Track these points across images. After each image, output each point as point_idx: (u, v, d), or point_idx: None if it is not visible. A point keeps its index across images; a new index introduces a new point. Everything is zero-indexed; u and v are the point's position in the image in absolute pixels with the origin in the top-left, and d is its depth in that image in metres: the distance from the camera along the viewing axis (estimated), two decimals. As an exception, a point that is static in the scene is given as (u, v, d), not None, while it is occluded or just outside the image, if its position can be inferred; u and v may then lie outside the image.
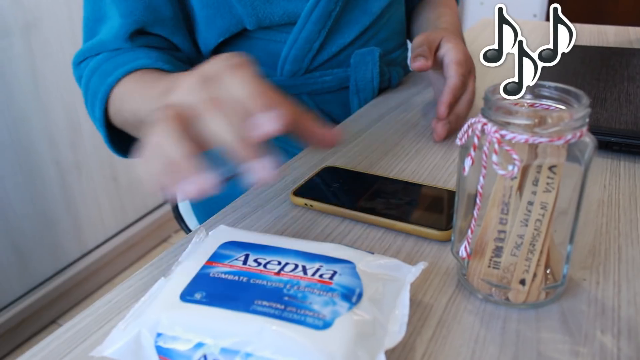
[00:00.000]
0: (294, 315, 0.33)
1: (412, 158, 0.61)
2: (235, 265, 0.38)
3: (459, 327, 0.38)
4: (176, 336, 0.33)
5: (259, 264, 0.38)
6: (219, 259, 0.39)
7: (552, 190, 0.36)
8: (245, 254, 0.39)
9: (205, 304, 0.34)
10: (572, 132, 0.34)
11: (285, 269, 0.37)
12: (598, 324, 0.38)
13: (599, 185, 0.55)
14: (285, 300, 0.34)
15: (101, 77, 0.67)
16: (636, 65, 0.84)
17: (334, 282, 0.36)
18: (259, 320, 0.33)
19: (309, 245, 0.40)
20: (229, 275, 0.37)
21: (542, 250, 0.38)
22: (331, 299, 0.34)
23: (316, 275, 0.37)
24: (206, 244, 0.41)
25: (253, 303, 0.34)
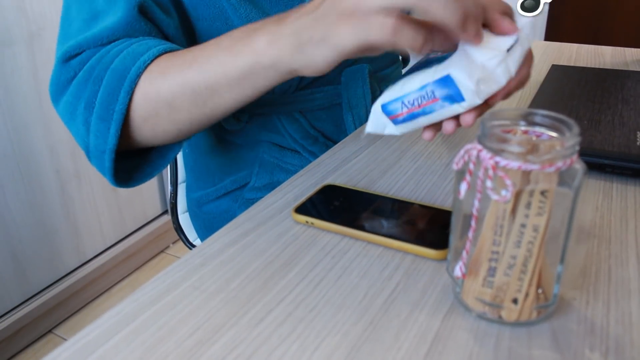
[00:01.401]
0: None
1: (410, 177, 0.63)
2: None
3: (453, 343, 0.39)
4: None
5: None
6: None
7: (543, 214, 0.38)
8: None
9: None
10: (563, 160, 0.36)
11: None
12: (587, 342, 0.39)
13: (591, 207, 0.57)
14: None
15: (129, 59, 0.60)
16: (630, 88, 0.87)
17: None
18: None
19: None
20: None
21: (534, 270, 0.39)
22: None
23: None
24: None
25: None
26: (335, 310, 0.43)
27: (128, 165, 0.67)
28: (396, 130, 0.55)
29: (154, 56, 0.60)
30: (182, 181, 1.05)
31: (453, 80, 0.49)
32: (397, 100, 0.53)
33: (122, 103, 0.59)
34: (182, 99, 0.59)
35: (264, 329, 0.41)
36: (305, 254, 0.50)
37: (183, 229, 1.06)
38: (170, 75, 0.59)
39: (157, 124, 0.61)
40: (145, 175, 0.69)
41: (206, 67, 0.57)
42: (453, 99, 0.50)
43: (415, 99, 0.52)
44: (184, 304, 0.44)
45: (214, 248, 0.51)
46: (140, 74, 0.59)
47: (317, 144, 0.82)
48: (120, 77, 0.59)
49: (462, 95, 0.49)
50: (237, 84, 0.57)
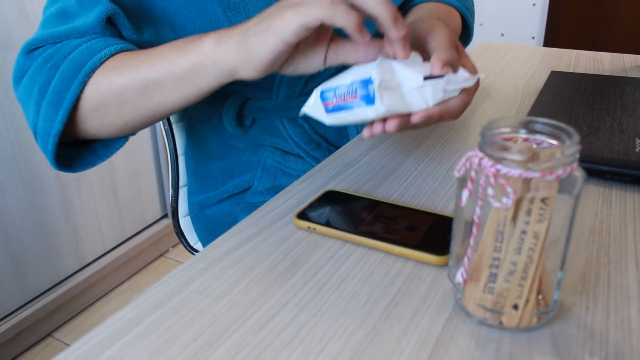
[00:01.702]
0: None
1: (411, 183, 0.64)
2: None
3: (455, 348, 0.40)
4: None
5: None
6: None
7: (544, 221, 0.38)
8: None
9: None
10: (563, 168, 0.36)
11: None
12: (587, 347, 0.40)
13: (590, 213, 0.57)
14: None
15: (86, 53, 0.63)
16: (629, 94, 0.87)
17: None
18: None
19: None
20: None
21: (534, 276, 0.40)
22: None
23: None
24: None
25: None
26: (337, 315, 0.43)
27: (72, 153, 0.70)
28: (326, 118, 0.59)
29: (111, 54, 0.63)
30: (183, 185, 1.05)
31: (372, 82, 0.53)
32: (331, 89, 0.57)
33: (73, 93, 0.62)
34: (131, 93, 0.62)
35: (267, 334, 0.41)
36: (307, 259, 0.50)
37: (184, 233, 1.06)
38: (123, 70, 0.62)
39: (105, 115, 0.64)
40: (87, 163, 0.72)
41: (156, 63, 0.61)
42: (368, 100, 0.54)
43: (343, 92, 0.56)
44: (188, 308, 0.44)
45: (217, 253, 0.51)
46: (94, 69, 0.62)
47: (319, 149, 0.83)
48: (75, 68, 0.62)
49: (374, 99, 0.53)
50: (181, 81, 0.60)
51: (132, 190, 2.01)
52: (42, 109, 0.63)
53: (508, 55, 1.22)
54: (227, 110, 0.82)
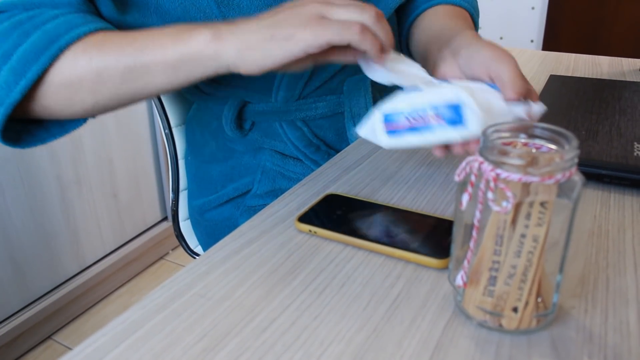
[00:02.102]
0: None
1: (411, 186, 0.64)
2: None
3: (455, 350, 0.40)
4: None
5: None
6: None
7: (543, 224, 0.39)
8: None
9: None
10: (562, 172, 0.37)
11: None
12: (586, 350, 0.40)
13: (589, 216, 0.58)
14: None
15: (63, 27, 0.60)
16: (628, 98, 0.88)
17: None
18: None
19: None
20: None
21: (533, 279, 0.40)
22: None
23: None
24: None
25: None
26: (338, 318, 0.44)
27: (20, 127, 0.66)
28: (386, 142, 0.59)
29: (90, 31, 0.61)
30: (183, 188, 1.05)
31: (461, 106, 0.54)
32: (401, 113, 0.57)
33: (42, 64, 0.59)
34: (113, 72, 0.60)
35: (269, 337, 0.42)
36: (308, 263, 0.51)
37: (184, 236, 1.06)
38: (107, 48, 0.60)
39: (77, 92, 0.61)
40: (37, 139, 0.68)
41: (147, 47, 0.59)
42: (455, 122, 0.55)
43: (419, 115, 0.56)
44: (190, 311, 0.45)
45: (219, 256, 0.52)
46: (70, 44, 0.59)
47: (319, 152, 0.83)
48: (49, 40, 0.59)
49: (466, 121, 0.54)
50: (172, 69, 0.59)
51: (132, 193, 2.01)
52: (0, 75, 0.59)
53: (507, 58, 1.22)
54: (227, 114, 0.82)
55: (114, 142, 1.89)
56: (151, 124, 2.02)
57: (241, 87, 0.82)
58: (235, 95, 0.82)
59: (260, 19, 0.58)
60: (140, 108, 1.96)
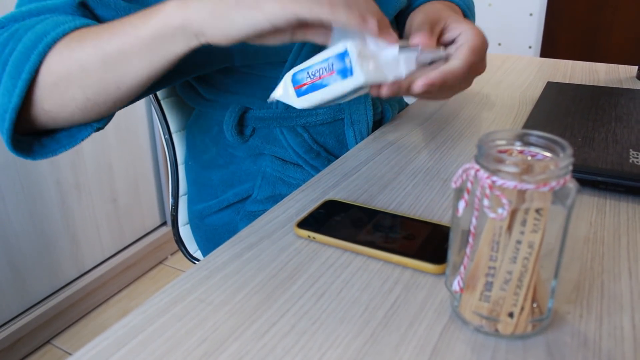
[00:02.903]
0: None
1: (409, 193, 0.65)
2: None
3: (452, 355, 0.41)
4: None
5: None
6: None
7: (538, 231, 0.39)
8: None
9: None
10: (556, 180, 0.38)
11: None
12: (580, 355, 0.41)
13: (585, 223, 0.58)
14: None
15: (50, 25, 0.61)
16: (624, 106, 0.89)
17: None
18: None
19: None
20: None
21: (529, 285, 0.41)
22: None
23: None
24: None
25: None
26: (337, 322, 0.44)
27: (32, 139, 0.67)
28: (297, 102, 0.60)
29: (75, 27, 0.61)
30: (183, 194, 1.06)
31: (348, 54, 0.55)
32: (304, 70, 0.58)
33: (32, 63, 0.59)
34: (94, 61, 0.60)
35: (268, 341, 0.42)
36: (307, 268, 0.51)
37: (184, 241, 1.07)
38: (86, 40, 0.60)
39: (67, 88, 0.61)
40: (48, 151, 0.68)
41: (120, 31, 0.59)
42: (344, 73, 0.55)
43: (317, 70, 0.57)
44: (191, 315, 0.45)
45: (219, 261, 0.52)
46: (57, 40, 0.60)
47: (319, 158, 0.84)
48: (36, 39, 0.60)
49: (352, 70, 0.55)
50: (147, 48, 0.59)
51: (132, 198, 2.02)
52: (1, 84, 0.61)
53: (505, 65, 1.24)
54: (228, 120, 0.83)
55: (113, 147, 1.90)
56: (150, 130, 2.03)
57: (242, 93, 0.82)
58: (236, 101, 0.83)
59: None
60: (139, 114, 1.97)
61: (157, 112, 0.99)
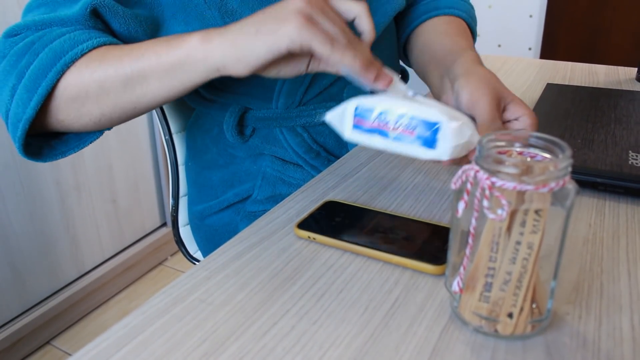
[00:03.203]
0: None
1: (409, 194, 0.65)
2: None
3: (451, 356, 0.41)
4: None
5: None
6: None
7: (537, 232, 0.40)
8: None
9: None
10: (556, 181, 0.38)
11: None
12: (579, 355, 0.41)
13: (584, 224, 0.59)
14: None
15: (68, 43, 0.63)
16: (623, 107, 0.89)
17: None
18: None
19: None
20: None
21: (528, 286, 0.41)
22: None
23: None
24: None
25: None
26: (337, 323, 0.44)
27: (42, 142, 0.70)
28: (349, 134, 0.58)
29: (94, 46, 0.63)
30: (183, 194, 1.06)
31: (439, 129, 0.52)
32: (374, 110, 0.56)
33: (49, 80, 0.62)
34: (113, 81, 0.62)
35: (268, 341, 0.43)
36: (307, 269, 0.51)
37: (184, 242, 1.07)
38: (107, 60, 0.62)
39: (84, 104, 0.64)
40: (58, 153, 0.71)
41: (142, 55, 0.61)
42: (427, 142, 0.53)
43: (392, 120, 0.55)
44: (191, 316, 0.45)
45: (219, 261, 0.53)
46: (75, 60, 0.62)
47: (319, 158, 0.84)
48: (55, 57, 0.62)
49: (436, 145, 0.53)
50: (167, 74, 0.61)
51: (132, 199, 2.02)
52: (16, 94, 0.63)
53: (505, 67, 1.24)
54: (228, 120, 0.83)
55: (113, 148, 1.90)
56: (151, 131, 2.03)
57: (242, 93, 0.83)
58: (236, 101, 0.83)
59: (249, 17, 0.58)
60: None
61: (158, 113, 1.00)
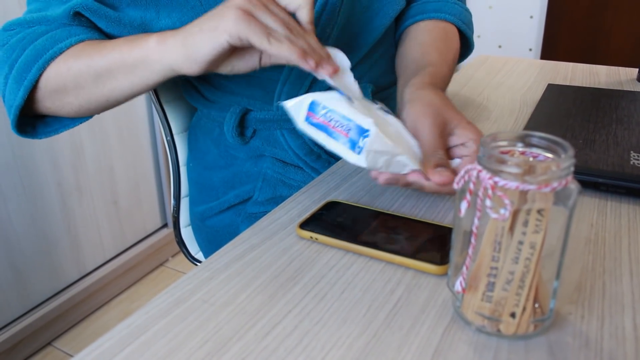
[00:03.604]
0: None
1: (411, 194, 0.65)
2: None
3: (454, 356, 0.41)
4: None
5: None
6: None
7: (540, 231, 0.40)
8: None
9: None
10: (558, 181, 0.38)
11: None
12: (582, 355, 0.41)
13: (586, 224, 0.59)
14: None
15: (49, 42, 0.70)
16: (624, 108, 0.89)
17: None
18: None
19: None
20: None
21: (531, 285, 0.41)
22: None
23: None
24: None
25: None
26: (339, 323, 0.44)
27: (37, 120, 0.78)
28: (301, 125, 0.61)
29: (71, 44, 0.70)
30: (184, 195, 1.06)
31: (367, 135, 0.56)
32: (325, 107, 0.59)
33: (33, 74, 0.70)
34: (86, 78, 0.69)
35: (271, 341, 0.43)
36: (309, 269, 0.51)
37: (185, 243, 1.07)
38: (81, 58, 0.69)
39: (64, 96, 0.72)
40: (51, 130, 0.78)
41: (109, 53, 0.68)
42: (354, 146, 0.57)
43: (334, 119, 0.58)
44: (194, 316, 0.45)
45: (221, 262, 0.53)
46: (54, 57, 0.70)
47: (319, 160, 0.84)
48: (37, 54, 0.70)
49: (360, 152, 0.56)
50: (131, 72, 0.67)
51: (133, 200, 2.02)
52: (8, 83, 0.71)
53: (506, 67, 1.24)
54: (229, 122, 0.83)
55: (114, 149, 1.90)
56: (152, 132, 2.03)
57: (243, 95, 0.83)
58: (237, 102, 0.83)
59: (199, 18, 0.63)
60: (140, 115, 1.97)
61: (160, 114, 1.00)
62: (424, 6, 0.91)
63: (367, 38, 0.84)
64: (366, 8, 0.83)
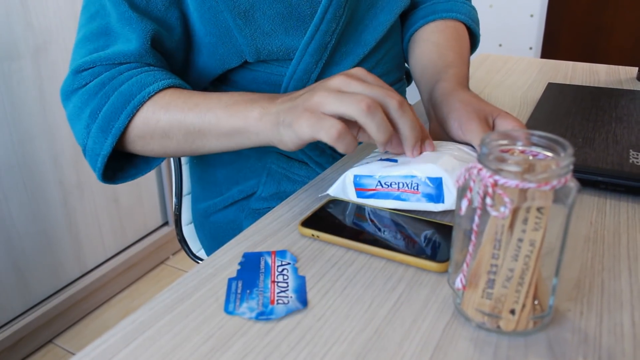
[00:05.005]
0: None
1: (411, 192, 0.65)
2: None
3: (454, 352, 0.42)
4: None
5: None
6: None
7: (539, 229, 0.40)
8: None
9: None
10: (557, 179, 0.38)
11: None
12: (581, 351, 0.41)
13: (585, 222, 0.59)
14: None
15: (136, 87, 0.69)
16: (624, 106, 0.89)
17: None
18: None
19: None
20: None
21: (530, 282, 0.41)
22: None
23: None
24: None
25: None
26: (341, 319, 0.45)
27: (115, 166, 0.77)
28: (359, 202, 0.62)
29: (159, 89, 0.69)
30: (186, 193, 1.07)
31: (442, 183, 0.57)
32: (372, 177, 0.60)
33: (121, 122, 0.68)
34: (176, 132, 0.69)
35: (274, 337, 0.43)
36: (312, 266, 0.52)
37: (187, 241, 1.08)
38: (171, 110, 0.68)
39: (149, 144, 0.71)
40: (129, 176, 0.78)
41: (204, 115, 0.67)
42: (432, 198, 0.58)
43: (394, 182, 0.59)
44: (197, 312, 0.46)
45: (225, 259, 0.53)
46: (143, 102, 0.68)
47: (323, 155, 0.84)
48: (124, 101, 0.68)
49: (444, 198, 0.57)
50: (224, 137, 0.67)
51: (133, 198, 2.02)
52: (92, 133, 0.70)
53: (506, 66, 1.24)
54: None
55: (116, 147, 1.90)
56: (153, 130, 2.03)
57: (249, 90, 0.83)
58: None
59: (290, 98, 0.62)
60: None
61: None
62: (435, 7, 0.92)
63: (372, 34, 0.84)
64: (371, 5, 0.84)
